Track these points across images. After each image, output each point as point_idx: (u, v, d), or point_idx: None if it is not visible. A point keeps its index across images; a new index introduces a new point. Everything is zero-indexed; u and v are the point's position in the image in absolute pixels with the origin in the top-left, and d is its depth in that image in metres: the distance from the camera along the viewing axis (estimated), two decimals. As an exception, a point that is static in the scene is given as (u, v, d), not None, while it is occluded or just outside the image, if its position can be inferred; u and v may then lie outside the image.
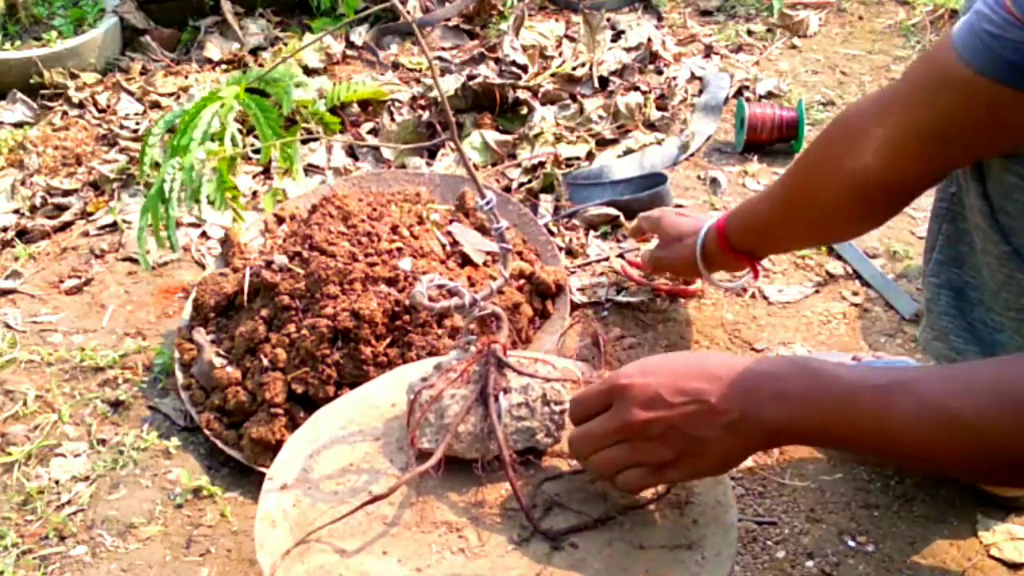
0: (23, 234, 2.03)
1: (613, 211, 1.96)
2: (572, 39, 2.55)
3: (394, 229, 1.65)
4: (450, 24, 2.72)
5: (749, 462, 1.46)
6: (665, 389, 0.91)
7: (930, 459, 0.96)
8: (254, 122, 0.91)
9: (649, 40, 2.50)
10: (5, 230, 2.02)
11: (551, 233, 1.90)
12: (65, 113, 2.38)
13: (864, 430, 0.89)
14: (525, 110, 2.26)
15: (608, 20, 2.61)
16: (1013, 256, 1.18)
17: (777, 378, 0.89)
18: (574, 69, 2.38)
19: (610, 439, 0.96)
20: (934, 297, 1.32)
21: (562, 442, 1.03)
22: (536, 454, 1.02)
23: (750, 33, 2.66)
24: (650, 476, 0.95)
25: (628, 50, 2.48)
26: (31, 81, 2.42)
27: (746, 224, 1.45)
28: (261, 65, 2.54)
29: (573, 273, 1.85)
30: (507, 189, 2.06)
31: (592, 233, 1.95)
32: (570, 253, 1.91)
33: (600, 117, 2.26)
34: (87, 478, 1.51)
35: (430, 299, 1.02)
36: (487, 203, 1.00)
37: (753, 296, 1.79)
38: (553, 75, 2.38)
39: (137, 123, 2.32)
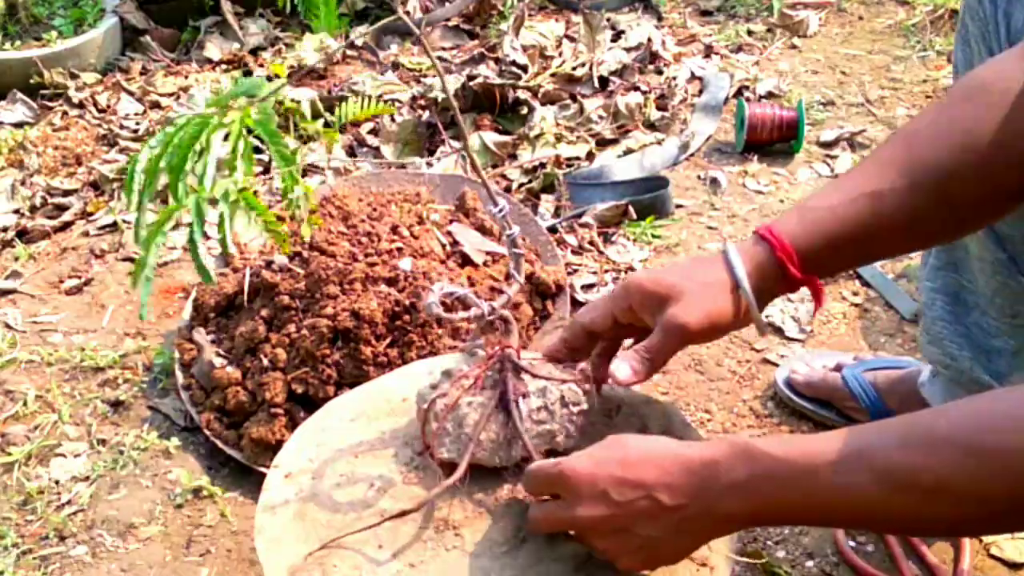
0: (23, 234, 2.03)
1: (622, 202, 1.96)
2: (572, 39, 2.55)
3: (394, 229, 1.65)
4: (450, 24, 2.72)
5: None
6: (612, 484, 0.86)
7: (905, 526, 0.92)
8: (269, 151, 0.85)
9: (649, 40, 2.50)
10: (5, 230, 2.02)
11: (554, 233, 1.90)
12: (65, 113, 2.38)
13: (822, 511, 0.86)
14: (525, 110, 2.26)
15: (608, 20, 2.61)
16: (1008, 264, 1.17)
17: (726, 468, 0.84)
18: (574, 69, 2.38)
19: (560, 530, 0.93)
20: (929, 302, 1.31)
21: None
22: (555, 455, 1.01)
23: (750, 33, 2.66)
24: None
25: (628, 50, 2.48)
26: (31, 81, 2.42)
27: (832, 238, 0.99)
28: (261, 65, 2.54)
29: (575, 272, 1.85)
30: (507, 189, 2.06)
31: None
32: (580, 251, 1.91)
33: (600, 117, 2.26)
34: (87, 478, 1.51)
35: (445, 308, 1.00)
36: (500, 211, 0.99)
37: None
38: (553, 75, 2.38)
39: (137, 123, 2.32)
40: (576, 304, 1.77)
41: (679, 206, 2.04)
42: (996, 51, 1.14)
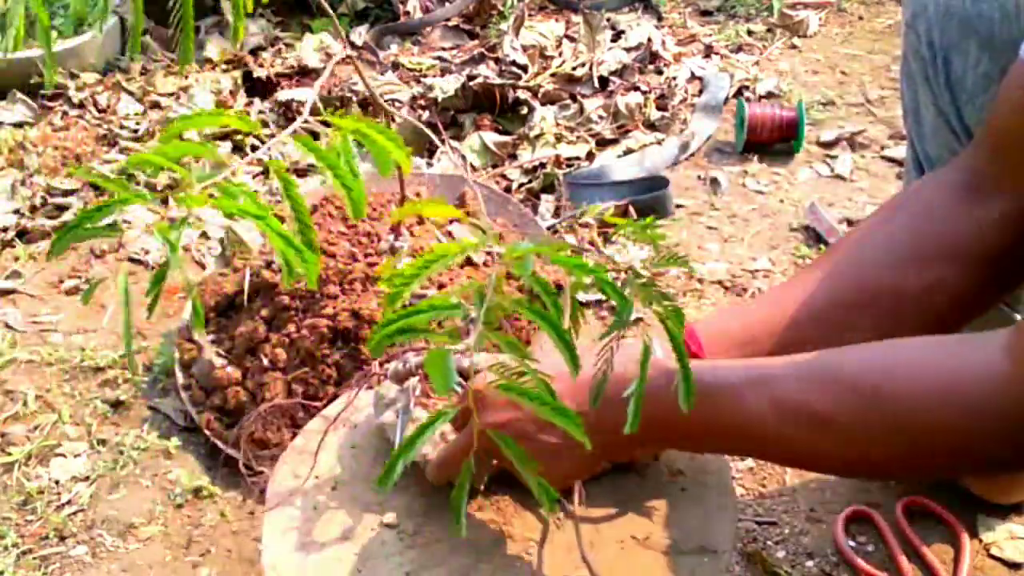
0: (23, 234, 2.03)
1: (622, 202, 1.96)
2: (572, 39, 2.55)
3: (394, 229, 1.65)
4: (450, 24, 2.72)
5: (750, 462, 1.46)
6: None
7: (794, 458, 0.95)
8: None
9: (649, 40, 2.50)
10: (5, 230, 2.02)
11: (554, 233, 1.90)
12: (65, 113, 2.38)
13: (720, 430, 0.87)
14: (525, 110, 2.26)
15: (608, 20, 2.61)
16: None
17: (627, 379, 0.79)
18: (574, 69, 2.38)
19: (468, 448, 0.90)
20: None
21: None
22: None
23: (750, 33, 2.66)
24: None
25: (628, 50, 2.48)
26: (31, 81, 2.42)
27: (739, 338, 1.02)
28: (261, 65, 2.53)
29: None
30: (507, 189, 2.06)
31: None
32: (580, 251, 1.91)
33: (600, 117, 2.26)
34: (87, 478, 1.51)
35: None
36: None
37: (754, 295, 1.79)
38: (553, 75, 2.38)
39: (137, 123, 2.32)
40: (576, 304, 1.77)
41: (679, 206, 2.04)
42: (937, 93, 1.15)
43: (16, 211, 2.07)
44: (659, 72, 2.45)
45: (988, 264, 0.98)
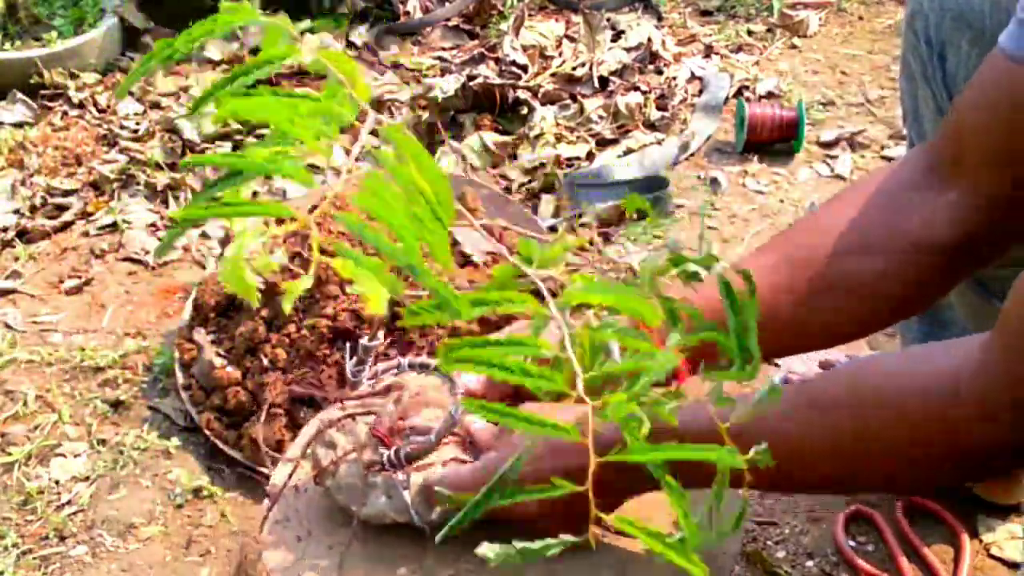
0: (23, 234, 2.03)
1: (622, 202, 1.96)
2: (572, 39, 2.55)
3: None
4: (450, 24, 2.72)
5: (749, 462, 1.46)
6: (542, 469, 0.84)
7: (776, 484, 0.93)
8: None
9: (649, 40, 2.50)
10: (5, 230, 2.02)
11: (554, 233, 1.90)
12: (65, 113, 2.38)
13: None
14: (525, 110, 2.26)
15: (608, 20, 2.61)
16: (976, 287, 1.17)
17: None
18: (574, 69, 2.38)
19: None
20: (906, 323, 1.31)
21: None
22: None
23: (750, 33, 2.66)
24: None
25: (628, 50, 2.48)
26: (31, 81, 2.42)
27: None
28: (261, 65, 2.53)
29: (576, 271, 1.85)
30: (507, 189, 2.06)
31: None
32: (580, 251, 1.91)
33: (600, 117, 2.26)
34: (87, 478, 1.51)
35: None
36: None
37: (753, 296, 1.79)
38: (553, 75, 2.38)
39: (137, 123, 2.32)
40: (576, 304, 1.77)
41: (679, 206, 2.04)
42: (935, 91, 1.14)
43: (16, 211, 2.07)
44: (659, 72, 2.44)
45: (938, 253, 0.96)
